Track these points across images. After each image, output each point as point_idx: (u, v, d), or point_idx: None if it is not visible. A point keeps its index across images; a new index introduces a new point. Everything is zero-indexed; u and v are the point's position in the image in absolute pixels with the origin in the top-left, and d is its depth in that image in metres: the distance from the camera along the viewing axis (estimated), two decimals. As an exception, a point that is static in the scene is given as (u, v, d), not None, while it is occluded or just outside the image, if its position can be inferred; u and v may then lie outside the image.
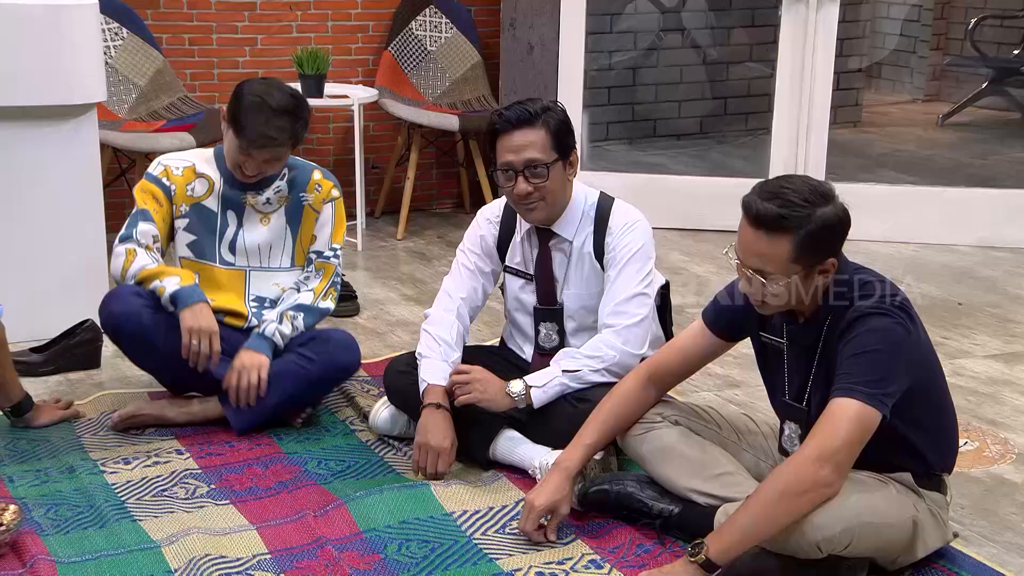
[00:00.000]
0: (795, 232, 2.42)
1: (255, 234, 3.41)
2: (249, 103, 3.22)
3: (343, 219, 3.48)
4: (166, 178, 3.37)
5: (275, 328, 3.32)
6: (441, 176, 6.13)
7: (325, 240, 3.44)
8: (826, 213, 2.44)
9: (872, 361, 2.42)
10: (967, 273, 5.10)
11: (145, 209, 3.35)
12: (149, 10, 5.42)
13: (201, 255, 3.41)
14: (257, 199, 3.39)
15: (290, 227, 3.43)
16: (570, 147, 3.08)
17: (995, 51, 8.28)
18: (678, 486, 2.76)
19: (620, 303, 3.07)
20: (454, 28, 5.88)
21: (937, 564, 2.67)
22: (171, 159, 3.42)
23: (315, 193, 3.43)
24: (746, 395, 3.66)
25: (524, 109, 3.03)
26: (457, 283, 3.23)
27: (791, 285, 2.48)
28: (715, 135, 7.25)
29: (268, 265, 3.44)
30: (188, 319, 3.22)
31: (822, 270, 2.48)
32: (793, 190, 2.44)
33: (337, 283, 3.47)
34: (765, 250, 2.45)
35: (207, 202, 3.39)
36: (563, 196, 3.10)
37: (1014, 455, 3.33)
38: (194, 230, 3.40)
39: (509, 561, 2.68)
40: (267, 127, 3.20)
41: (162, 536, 2.75)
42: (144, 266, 3.28)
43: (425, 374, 3.09)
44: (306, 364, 3.32)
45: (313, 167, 3.48)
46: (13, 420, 3.36)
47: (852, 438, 2.40)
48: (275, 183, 3.39)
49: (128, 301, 3.28)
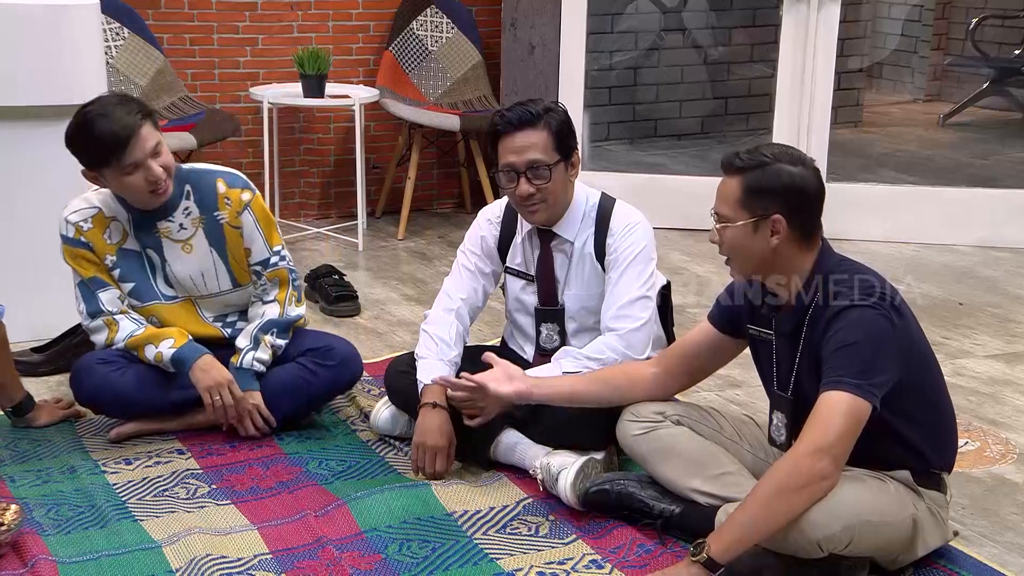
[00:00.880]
0: (745, 174, 2.52)
1: (182, 266, 3.26)
2: (87, 129, 3.03)
3: (269, 218, 3.30)
4: (81, 236, 3.20)
5: (252, 358, 3.26)
6: (442, 176, 6.13)
7: (261, 248, 3.28)
8: (785, 167, 2.52)
9: (856, 353, 2.43)
10: (968, 273, 5.10)
11: (94, 277, 3.22)
12: (150, 10, 5.42)
13: (143, 299, 3.28)
14: (170, 227, 3.22)
15: (215, 250, 3.27)
16: (572, 148, 3.08)
17: (996, 51, 8.28)
18: (679, 486, 2.77)
19: (623, 307, 3.06)
20: (455, 28, 5.88)
21: (937, 564, 2.67)
22: (75, 213, 3.22)
23: (227, 208, 3.24)
24: (747, 395, 3.66)
25: (526, 110, 3.03)
26: (457, 284, 3.23)
27: (740, 234, 2.54)
28: (716, 135, 7.25)
29: (208, 292, 3.32)
30: (201, 379, 3.19)
31: (773, 230, 2.52)
32: (767, 146, 2.58)
33: (298, 284, 3.37)
34: (722, 189, 2.58)
35: (128, 245, 3.24)
36: (565, 197, 3.11)
37: (1015, 455, 3.33)
38: (128, 276, 3.26)
39: (510, 561, 2.68)
40: (112, 128, 3.01)
41: (163, 536, 2.75)
42: (132, 333, 3.22)
43: (422, 375, 3.09)
44: (309, 377, 3.30)
45: (216, 174, 3.27)
46: (14, 420, 3.36)
47: (845, 430, 2.40)
48: (182, 204, 3.22)
49: (96, 373, 3.21)
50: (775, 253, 2.54)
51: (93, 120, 3.05)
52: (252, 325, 3.31)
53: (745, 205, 2.53)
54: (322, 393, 3.36)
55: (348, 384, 3.41)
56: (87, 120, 3.06)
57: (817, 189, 2.54)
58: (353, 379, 3.41)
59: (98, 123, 3.04)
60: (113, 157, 3.04)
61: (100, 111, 3.06)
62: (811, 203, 2.54)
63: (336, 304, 4.45)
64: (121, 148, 3.03)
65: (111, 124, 3.02)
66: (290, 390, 3.30)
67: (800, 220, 2.54)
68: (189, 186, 3.25)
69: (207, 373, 3.20)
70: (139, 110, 3.07)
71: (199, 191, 3.25)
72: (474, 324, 3.33)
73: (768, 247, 2.54)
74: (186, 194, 3.24)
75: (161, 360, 3.21)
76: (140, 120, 3.05)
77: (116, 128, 3.02)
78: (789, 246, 2.54)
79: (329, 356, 3.33)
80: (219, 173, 3.29)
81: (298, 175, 5.80)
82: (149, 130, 3.07)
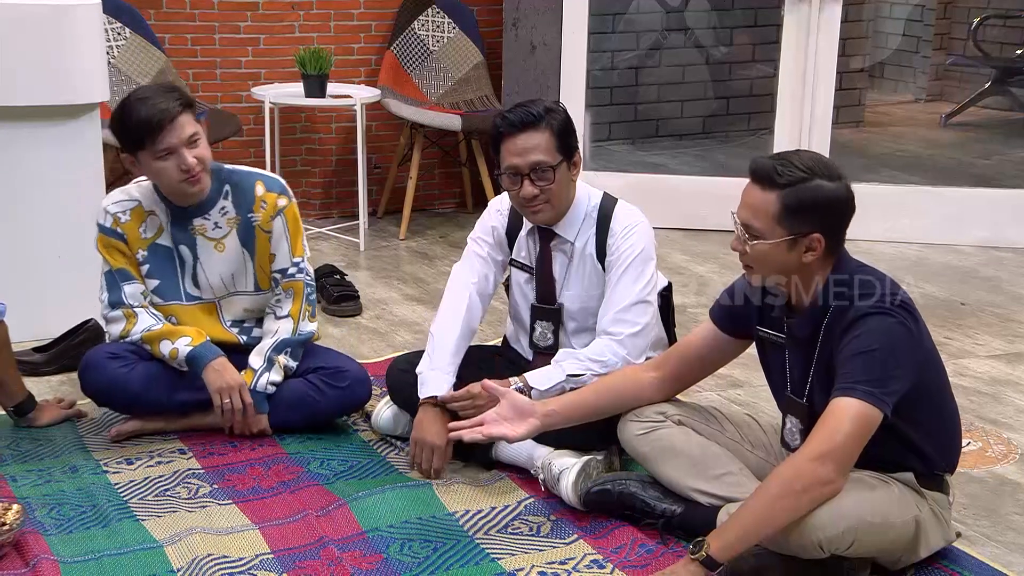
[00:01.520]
0: (784, 190, 2.45)
1: (214, 265, 3.29)
2: (128, 112, 3.09)
3: (298, 227, 3.33)
4: (118, 227, 3.23)
5: (267, 380, 3.26)
6: (443, 176, 6.13)
7: (284, 256, 3.31)
8: (824, 185, 2.47)
9: (873, 360, 2.42)
10: (970, 273, 5.10)
11: (122, 268, 3.25)
12: (152, 10, 5.42)
13: (166, 297, 3.29)
14: (206, 225, 3.25)
15: (247, 250, 3.29)
16: (573, 148, 3.08)
17: (998, 51, 8.27)
18: (681, 486, 2.76)
19: (620, 311, 3.06)
20: (456, 28, 5.88)
21: (940, 564, 2.67)
22: (115, 204, 3.25)
23: (261, 212, 3.27)
24: (749, 395, 3.66)
25: (527, 111, 3.03)
26: (469, 269, 3.23)
27: (774, 250, 2.48)
28: (717, 135, 7.25)
29: (235, 290, 3.33)
30: (213, 380, 3.19)
31: (808, 247, 2.48)
32: (799, 156, 2.51)
33: (312, 299, 3.37)
34: (754, 202, 2.49)
35: (161, 240, 3.26)
36: (567, 197, 3.11)
37: (1017, 455, 3.33)
38: (155, 274, 3.28)
39: (511, 561, 2.68)
40: (152, 111, 3.06)
41: (165, 536, 2.75)
42: (149, 327, 3.23)
43: (424, 376, 3.10)
44: (317, 396, 3.30)
45: (256, 177, 3.32)
46: (16, 420, 3.36)
47: (853, 437, 2.40)
48: (219, 203, 3.25)
49: (104, 367, 3.23)
50: (803, 266, 2.52)
51: (135, 103, 3.12)
52: (266, 343, 3.30)
53: (782, 223, 2.47)
54: (328, 413, 3.34)
55: (356, 407, 3.40)
56: (129, 103, 3.13)
57: (852, 204, 2.50)
58: (361, 402, 3.39)
59: (138, 106, 3.10)
60: (148, 139, 3.09)
61: (143, 95, 3.14)
62: (847, 218, 2.51)
63: (338, 304, 4.45)
64: (156, 131, 3.08)
65: (150, 107, 3.09)
66: (297, 407, 3.30)
67: (836, 236, 2.52)
68: (229, 186, 3.28)
69: (220, 375, 3.20)
70: (180, 99, 3.13)
71: (238, 192, 3.29)
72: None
73: (799, 261, 2.51)
74: (224, 194, 3.27)
75: (176, 357, 3.21)
76: (179, 108, 3.11)
77: (154, 111, 3.08)
78: (820, 259, 2.52)
79: (340, 377, 3.32)
80: (259, 176, 3.34)
81: (300, 175, 5.79)
82: (187, 119, 3.12)
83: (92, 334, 3.80)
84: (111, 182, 4.69)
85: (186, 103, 3.13)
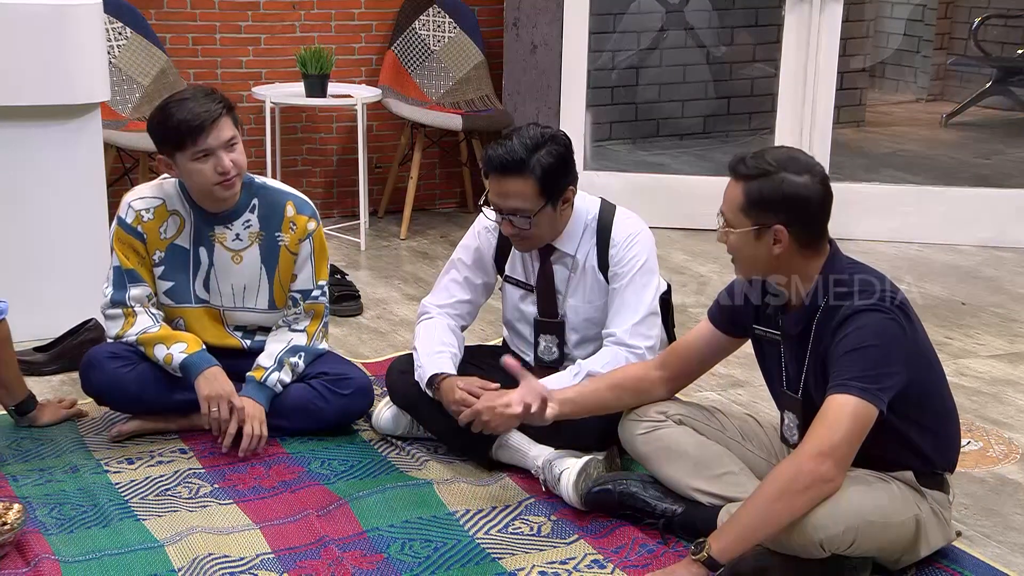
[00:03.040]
0: (749, 182, 2.51)
1: (228, 275, 3.27)
2: (170, 112, 3.10)
3: (324, 252, 3.33)
4: (139, 225, 3.22)
5: (276, 378, 3.25)
6: (444, 176, 6.13)
7: (308, 278, 3.30)
8: (788, 179, 2.49)
9: (866, 357, 2.43)
10: (971, 273, 5.10)
11: (132, 270, 3.22)
12: (153, 10, 5.42)
13: (178, 300, 3.28)
14: (226, 235, 3.24)
15: (266, 267, 3.28)
16: (563, 187, 2.99)
17: (999, 51, 8.27)
18: (681, 486, 2.77)
19: (636, 324, 3.04)
20: (457, 28, 5.88)
21: (940, 564, 2.67)
22: (140, 200, 3.23)
23: (290, 233, 3.26)
24: (749, 395, 3.66)
25: (512, 154, 2.93)
26: (446, 293, 3.23)
27: (742, 241, 2.53)
28: (718, 135, 7.25)
29: (243, 306, 3.32)
30: (204, 387, 3.18)
31: (775, 239, 2.51)
32: (773, 152, 2.56)
33: (327, 323, 3.38)
34: (727, 193, 2.56)
35: (180, 240, 3.25)
36: (553, 230, 3.07)
37: (1018, 455, 3.33)
38: (170, 275, 3.26)
39: (512, 561, 2.69)
40: (193, 112, 3.07)
41: (165, 535, 2.75)
42: (146, 329, 3.22)
43: (422, 369, 3.10)
44: (319, 402, 3.29)
45: (287, 196, 3.30)
46: (17, 419, 3.36)
47: (850, 434, 2.40)
48: (244, 215, 3.24)
49: (105, 367, 3.22)
50: (778, 259, 2.54)
51: (177, 104, 3.13)
52: (278, 348, 3.29)
53: (747, 213, 2.52)
54: (330, 419, 3.32)
55: (358, 415, 3.39)
56: (171, 103, 3.14)
57: (822, 199, 2.51)
58: (363, 411, 3.38)
59: (180, 107, 3.11)
60: (189, 140, 3.09)
61: (184, 96, 3.15)
62: (814, 213, 2.52)
63: (338, 303, 4.45)
64: (198, 132, 3.08)
65: (192, 108, 3.10)
66: (300, 411, 3.29)
67: (803, 230, 2.52)
68: (257, 200, 3.27)
69: (210, 383, 3.18)
70: (222, 102, 3.15)
71: (265, 207, 3.27)
72: (476, 323, 3.33)
73: (771, 254, 2.53)
74: (252, 207, 3.26)
75: (170, 362, 3.20)
76: (222, 111, 3.12)
77: (197, 113, 3.09)
78: (792, 253, 2.53)
79: (344, 385, 3.31)
80: (290, 196, 3.31)
81: (301, 175, 5.80)
82: (227, 122, 3.13)
83: (93, 334, 3.80)
84: (112, 182, 4.69)
85: (228, 107, 3.15)
